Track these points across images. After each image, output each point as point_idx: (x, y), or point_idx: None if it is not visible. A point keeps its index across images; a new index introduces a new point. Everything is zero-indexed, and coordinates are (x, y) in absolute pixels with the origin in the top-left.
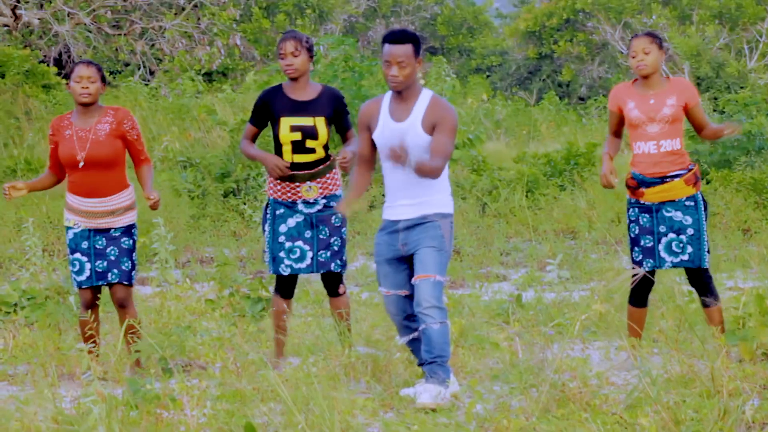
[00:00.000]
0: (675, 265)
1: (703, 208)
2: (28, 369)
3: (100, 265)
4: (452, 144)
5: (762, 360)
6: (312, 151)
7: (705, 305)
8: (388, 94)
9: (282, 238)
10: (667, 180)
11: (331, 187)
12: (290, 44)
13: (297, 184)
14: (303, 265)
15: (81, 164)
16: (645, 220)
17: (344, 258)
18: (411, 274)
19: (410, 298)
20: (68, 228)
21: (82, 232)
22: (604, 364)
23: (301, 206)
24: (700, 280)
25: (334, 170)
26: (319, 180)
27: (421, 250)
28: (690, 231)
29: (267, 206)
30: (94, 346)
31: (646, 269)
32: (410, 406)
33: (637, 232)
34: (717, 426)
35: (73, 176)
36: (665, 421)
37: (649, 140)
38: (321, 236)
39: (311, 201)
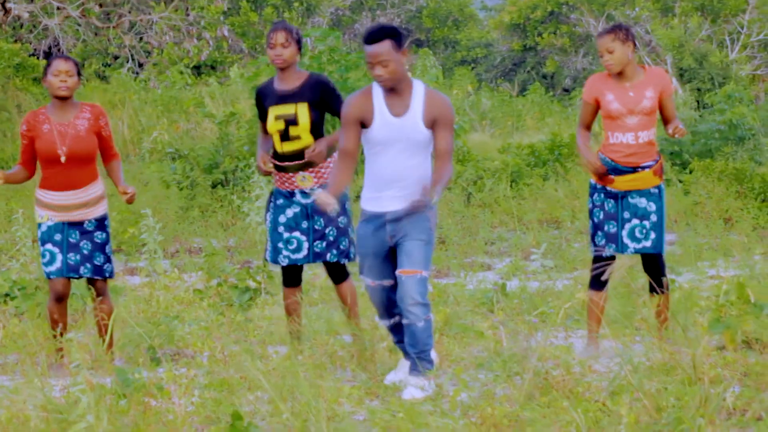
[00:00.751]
0: (637, 251)
1: (663, 197)
2: (18, 358)
3: (72, 258)
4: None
5: (743, 347)
6: (297, 138)
7: (652, 291)
8: (377, 87)
9: (281, 229)
10: (639, 170)
11: (326, 176)
12: (281, 35)
13: (290, 174)
14: (300, 256)
15: (63, 159)
16: (610, 206)
17: (342, 247)
18: (394, 262)
19: (395, 286)
20: (40, 224)
21: (56, 226)
22: (587, 352)
23: (298, 196)
24: (656, 267)
25: (328, 160)
26: (312, 170)
27: (409, 242)
28: (653, 218)
29: (271, 194)
30: (61, 335)
31: (608, 254)
32: (396, 394)
33: (601, 217)
34: (698, 413)
35: (49, 171)
36: (647, 408)
37: (628, 131)
38: (316, 227)
39: (307, 191)
